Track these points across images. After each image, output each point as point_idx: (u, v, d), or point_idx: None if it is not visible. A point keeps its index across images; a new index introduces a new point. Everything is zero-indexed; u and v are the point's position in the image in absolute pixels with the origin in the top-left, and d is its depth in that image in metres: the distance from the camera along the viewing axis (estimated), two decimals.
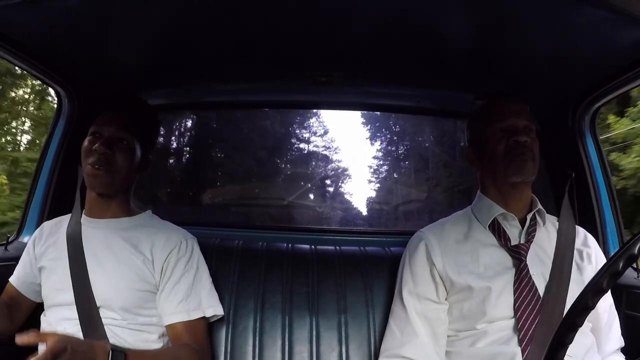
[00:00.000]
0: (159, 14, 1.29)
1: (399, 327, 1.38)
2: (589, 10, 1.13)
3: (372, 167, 3.17)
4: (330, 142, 3.06)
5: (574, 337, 0.69)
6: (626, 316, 1.48)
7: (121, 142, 1.40)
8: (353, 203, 3.02)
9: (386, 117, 2.95)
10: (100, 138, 1.39)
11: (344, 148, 3.06)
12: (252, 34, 1.40)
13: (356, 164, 3.21)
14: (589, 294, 0.69)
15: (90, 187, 1.42)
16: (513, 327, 1.28)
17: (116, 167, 1.39)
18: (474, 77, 1.68)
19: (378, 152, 3.16)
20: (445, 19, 1.27)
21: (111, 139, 1.39)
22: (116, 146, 1.39)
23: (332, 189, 3.03)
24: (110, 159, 1.38)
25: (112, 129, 1.40)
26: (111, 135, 1.40)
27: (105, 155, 1.37)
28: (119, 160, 1.39)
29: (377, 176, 3.11)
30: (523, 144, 1.35)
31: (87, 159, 1.39)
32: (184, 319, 1.36)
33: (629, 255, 0.68)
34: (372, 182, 3.09)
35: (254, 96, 2.05)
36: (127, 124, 1.42)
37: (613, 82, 1.48)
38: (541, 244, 1.39)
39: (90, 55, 1.55)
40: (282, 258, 1.66)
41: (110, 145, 1.38)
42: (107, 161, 1.37)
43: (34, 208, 1.79)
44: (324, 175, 3.02)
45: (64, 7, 1.23)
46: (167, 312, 1.37)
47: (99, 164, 1.37)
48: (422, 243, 1.42)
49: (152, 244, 1.41)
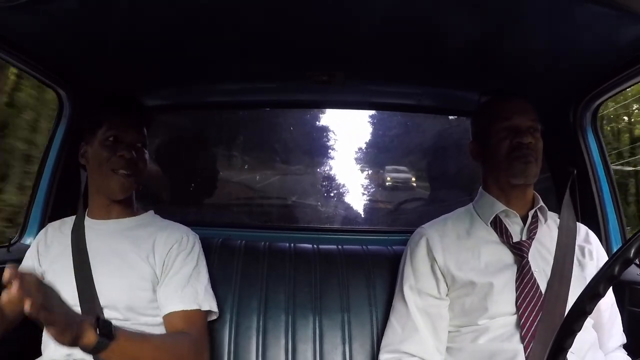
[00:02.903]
0: (159, 14, 1.29)
1: (400, 323, 1.39)
2: (589, 7, 1.13)
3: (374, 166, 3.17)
4: (332, 141, 3.06)
5: (572, 341, 0.69)
6: (629, 313, 1.48)
7: (139, 146, 1.42)
8: (355, 202, 3.02)
9: (388, 115, 2.95)
10: (122, 143, 1.39)
11: (346, 147, 3.06)
12: (253, 33, 1.40)
13: (358, 162, 3.21)
14: (586, 299, 0.69)
15: (112, 193, 1.41)
16: (515, 324, 1.28)
17: (140, 172, 1.41)
18: (475, 75, 1.68)
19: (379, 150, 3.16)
20: (446, 17, 1.27)
21: (133, 143, 1.40)
22: (138, 151, 1.41)
23: (334, 188, 3.02)
24: (136, 162, 1.40)
25: (134, 134, 1.41)
26: (133, 141, 1.41)
27: (133, 161, 1.38)
28: (141, 165, 1.41)
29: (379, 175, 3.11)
30: (527, 145, 1.35)
31: (111, 164, 1.38)
32: (179, 308, 1.35)
33: (625, 259, 0.67)
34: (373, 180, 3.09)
35: (255, 96, 2.05)
36: (141, 127, 1.44)
37: (614, 78, 1.47)
38: (543, 240, 1.39)
39: (90, 57, 1.55)
40: (285, 257, 1.66)
41: (134, 150, 1.40)
42: (135, 166, 1.39)
43: (35, 209, 1.79)
44: (326, 174, 3.02)
45: (63, 8, 1.23)
46: (164, 302, 1.36)
47: (128, 170, 1.38)
48: (424, 239, 1.43)
49: (154, 240, 1.42)
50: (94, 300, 1.33)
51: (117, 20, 1.32)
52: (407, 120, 2.89)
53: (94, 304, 1.32)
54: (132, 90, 1.78)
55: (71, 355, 1.31)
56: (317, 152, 3.06)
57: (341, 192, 2.98)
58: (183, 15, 1.30)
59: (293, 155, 2.98)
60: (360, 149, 3.19)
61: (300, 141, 2.97)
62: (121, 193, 1.41)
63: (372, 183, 3.06)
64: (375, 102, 2.11)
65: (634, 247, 0.67)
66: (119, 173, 1.38)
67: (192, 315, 1.37)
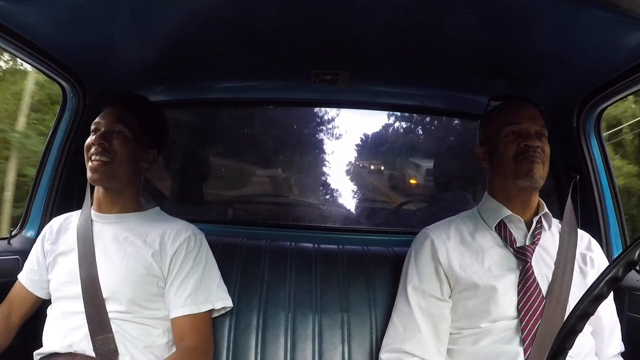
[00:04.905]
0: (167, 11, 1.30)
1: (402, 323, 1.39)
2: (594, 12, 1.13)
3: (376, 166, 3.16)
4: (335, 140, 3.05)
5: (574, 342, 0.69)
6: (629, 318, 1.48)
7: (117, 134, 1.43)
8: (356, 201, 3.01)
9: (392, 115, 2.95)
10: (98, 131, 1.42)
11: (348, 146, 3.06)
12: (259, 32, 1.40)
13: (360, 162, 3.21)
14: (589, 299, 0.68)
15: (93, 182, 1.43)
16: (515, 327, 1.28)
17: (114, 156, 1.41)
18: (479, 78, 1.68)
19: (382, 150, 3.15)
20: (452, 20, 1.27)
21: (107, 131, 1.42)
22: (112, 138, 1.42)
23: (336, 187, 3.02)
24: (108, 148, 1.40)
25: (108, 122, 1.43)
26: (107, 129, 1.42)
27: (102, 146, 1.39)
28: (115, 149, 1.41)
29: (381, 175, 3.10)
30: (534, 148, 1.35)
31: (88, 153, 1.41)
32: (192, 311, 1.38)
33: (629, 261, 0.67)
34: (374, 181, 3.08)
35: (259, 94, 2.06)
36: (123, 116, 1.45)
37: (618, 83, 1.47)
38: (546, 246, 1.39)
39: (94, 51, 1.56)
40: (286, 256, 1.66)
41: (106, 137, 1.41)
42: (105, 151, 1.39)
43: (37, 203, 1.80)
44: (328, 173, 3.02)
45: (68, 2, 1.23)
46: (176, 306, 1.39)
47: (97, 155, 1.39)
48: (429, 240, 1.43)
49: (161, 238, 1.43)
50: (98, 293, 1.34)
51: (122, 15, 1.33)
52: (411, 121, 2.89)
53: (96, 297, 1.34)
54: (136, 86, 1.79)
55: (72, 346, 1.32)
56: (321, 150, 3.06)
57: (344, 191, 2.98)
58: (190, 13, 1.30)
59: (297, 153, 2.98)
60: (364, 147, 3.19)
61: (305, 139, 2.97)
62: (97, 180, 1.41)
63: (375, 182, 3.06)
64: (379, 102, 2.11)
65: (639, 249, 0.67)
66: (93, 159, 1.40)
67: (201, 319, 1.40)
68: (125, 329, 1.34)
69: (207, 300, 1.42)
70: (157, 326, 1.40)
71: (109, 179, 1.42)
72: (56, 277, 1.43)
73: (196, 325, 1.39)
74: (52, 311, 1.42)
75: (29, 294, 1.50)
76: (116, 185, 1.45)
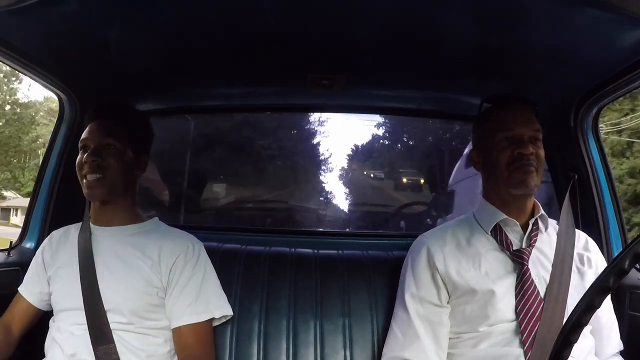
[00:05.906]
0: (161, 18, 1.30)
1: (401, 330, 1.39)
2: (590, 11, 1.13)
3: (375, 170, 3.17)
4: (332, 145, 3.06)
5: (579, 335, 0.69)
6: (630, 317, 1.47)
7: (108, 147, 1.41)
8: (355, 206, 3.01)
9: (390, 119, 2.95)
10: (87, 148, 1.41)
11: (346, 151, 3.06)
12: (255, 37, 1.40)
13: (358, 167, 3.21)
14: (595, 292, 0.68)
15: (90, 198, 1.44)
16: (514, 330, 1.28)
17: (108, 171, 1.40)
18: (476, 79, 1.68)
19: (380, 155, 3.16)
20: (447, 21, 1.27)
21: (97, 147, 1.40)
22: (104, 152, 1.40)
23: (334, 192, 3.02)
24: (101, 164, 1.39)
25: (96, 137, 1.41)
26: (96, 144, 1.41)
27: (95, 163, 1.38)
28: (109, 164, 1.40)
29: (380, 179, 3.11)
30: (528, 156, 1.33)
31: (81, 172, 1.40)
32: (192, 321, 1.38)
33: (636, 253, 0.67)
34: (374, 185, 3.09)
35: (256, 100, 2.06)
36: (111, 129, 1.43)
37: (615, 82, 1.46)
38: (542, 248, 1.39)
39: (90, 61, 1.56)
40: (286, 262, 1.66)
41: (98, 153, 1.39)
42: (99, 167, 1.39)
43: (36, 214, 1.80)
44: (326, 178, 3.02)
45: (64, 13, 1.23)
46: (176, 315, 1.39)
47: (92, 173, 1.38)
48: (425, 247, 1.43)
49: (160, 249, 1.43)
50: (99, 305, 1.34)
51: (117, 25, 1.33)
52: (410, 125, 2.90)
53: (98, 309, 1.34)
54: (131, 95, 1.78)
55: (74, 357, 1.32)
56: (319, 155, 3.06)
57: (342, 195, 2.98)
58: (184, 20, 1.30)
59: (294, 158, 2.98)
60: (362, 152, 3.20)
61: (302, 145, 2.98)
62: (94, 196, 1.41)
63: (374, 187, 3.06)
64: (376, 106, 2.11)
65: (628, 258, 0.67)
66: (87, 178, 1.39)
67: (201, 327, 1.40)
68: (127, 339, 1.34)
69: (206, 309, 1.41)
70: (159, 335, 1.40)
71: (106, 194, 1.42)
72: (57, 290, 1.43)
73: (197, 334, 1.39)
74: (54, 323, 1.41)
75: (30, 306, 1.49)
76: (113, 198, 1.45)
